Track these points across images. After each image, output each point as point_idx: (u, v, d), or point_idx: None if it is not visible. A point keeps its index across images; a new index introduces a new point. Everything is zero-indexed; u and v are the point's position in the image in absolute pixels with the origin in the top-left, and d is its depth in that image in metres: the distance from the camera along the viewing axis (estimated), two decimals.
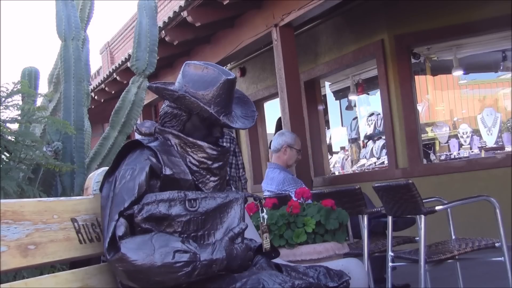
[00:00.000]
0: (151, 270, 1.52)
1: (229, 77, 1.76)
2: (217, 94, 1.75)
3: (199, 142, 1.76)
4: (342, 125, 8.12)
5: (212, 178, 1.77)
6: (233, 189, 1.94)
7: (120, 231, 1.57)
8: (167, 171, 1.69)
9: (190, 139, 1.76)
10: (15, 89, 2.73)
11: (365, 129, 7.50)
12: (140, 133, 1.86)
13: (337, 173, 7.76)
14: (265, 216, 1.93)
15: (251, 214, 2.79)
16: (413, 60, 6.32)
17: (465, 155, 6.79)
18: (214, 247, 1.61)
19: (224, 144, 5.48)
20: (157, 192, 1.66)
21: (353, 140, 7.78)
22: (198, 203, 1.67)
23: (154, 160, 1.69)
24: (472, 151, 6.90)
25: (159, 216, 1.62)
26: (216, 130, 1.81)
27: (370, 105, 7.45)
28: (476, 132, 7.14)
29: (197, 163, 1.75)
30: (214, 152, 1.77)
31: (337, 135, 8.14)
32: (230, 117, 1.78)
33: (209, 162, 1.76)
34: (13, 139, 2.72)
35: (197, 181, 1.74)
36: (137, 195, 1.62)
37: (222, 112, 1.76)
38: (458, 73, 7.04)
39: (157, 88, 1.81)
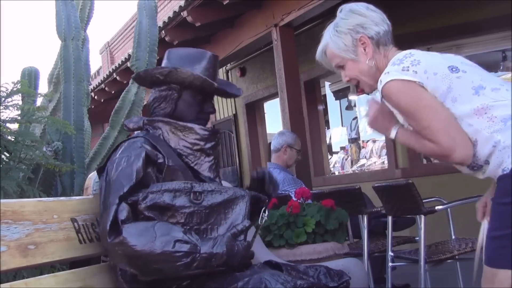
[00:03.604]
0: (150, 257, 1.52)
1: (214, 53, 1.84)
2: (206, 68, 1.82)
3: (189, 125, 1.79)
4: (342, 125, 8.11)
5: (207, 159, 1.80)
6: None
7: (123, 215, 1.58)
8: (170, 162, 1.71)
9: (180, 123, 1.79)
10: (15, 89, 2.73)
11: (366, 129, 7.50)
12: (129, 129, 1.88)
13: (337, 173, 7.76)
14: (266, 219, 1.92)
15: None
16: None
17: None
18: (215, 242, 1.61)
19: None
20: (152, 180, 1.67)
21: (353, 140, 7.77)
22: (203, 196, 1.67)
23: (148, 147, 1.71)
24: None
25: (162, 205, 1.62)
26: (208, 105, 1.86)
27: None
28: None
29: (190, 146, 1.78)
30: (206, 132, 1.80)
31: (337, 135, 8.13)
32: (221, 86, 1.84)
33: (202, 143, 1.79)
34: (13, 139, 2.72)
35: (192, 163, 1.77)
36: (135, 180, 1.63)
37: (213, 81, 1.81)
38: None
39: (146, 71, 1.84)
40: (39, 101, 3.54)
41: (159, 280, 1.61)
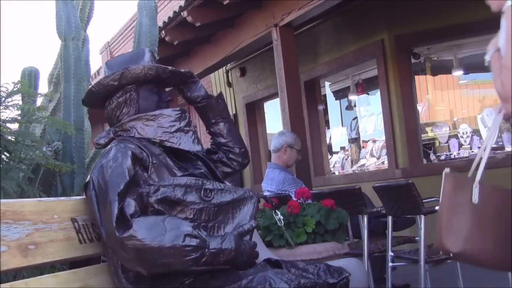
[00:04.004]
0: (159, 251, 1.52)
1: (149, 49, 1.94)
2: (150, 61, 1.89)
3: (158, 111, 1.83)
4: (342, 125, 8.11)
5: (187, 136, 1.84)
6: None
7: (130, 210, 1.58)
8: (154, 160, 1.73)
9: (150, 113, 1.82)
10: (15, 89, 2.73)
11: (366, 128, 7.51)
12: (102, 146, 1.86)
13: (337, 173, 7.76)
14: (281, 218, 1.95)
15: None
16: (413, 60, 6.31)
17: (465, 155, 6.78)
18: (223, 238, 1.62)
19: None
20: (142, 178, 1.68)
21: (353, 140, 7.77)
22: (213, 194, 1.69)
23: (132, 146, 1.72)
24: (472, 151, 6.89)
25: (173, 200, 1.64)
26: (164, 94, 1.91)
27: (370, 105, 7.45)
28: (476, 132, 7.13)
29: (168, 129, 1.81)
30: (177, 112, 1.85)
31: (337, 135, 8.13)
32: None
33: (177, 123, 1.83)
34: (13, 139, 2.72)
35: (176, 144, 1.81)
36: (129, 177, 1.64)
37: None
38: (458, 73, 7.03)
39: (98, 84, 1.85)
40: (39, 101, 3.54)
41: (163, 278, 1.61)
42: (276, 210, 1.99)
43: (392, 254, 3.39)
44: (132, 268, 1.61)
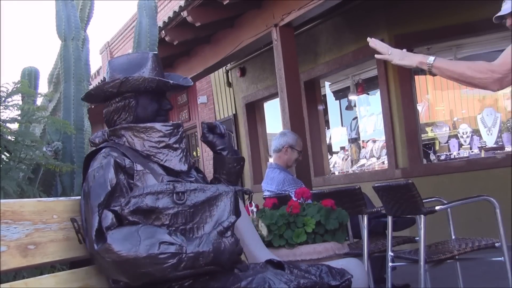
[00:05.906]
0: (136, 261, 1.52)
1: (154, 52, 1.89)
2: (153, 68, 1.84)
3: (149, 124, 1.81)
4: (342, 125, 8.11)
5: (175, 153, 1.81)
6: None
7: (106, 222, 1.58)
8: (138, 167, 1.72)
9: (141, 124, 1.81)
10: (15, 89, 2.72)
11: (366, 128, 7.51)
12: (95, 144, 1.88)
13: (337, 173, 7.76)
14: (255, 210, 1.95)
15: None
16: None
17: (465, 155, 6.78)
18: (201, 240, 1.60)
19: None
20: (125, 186, 1.68)
21: (353, 140, 7.77)
22: (186, 196, 1.67)
23: (115, 154, 1.72)
24: (472, 151, 6.89)
25: (146, 209, 1.62)
26: (164, 102, 1.89)
27: (370, 105, 7.44)
28: (476, 132, 7.13)
29: (155, 144, 1.79)
30: (168, 128, 1.82)
31: (337, 135, 8.13)
32: (174, 81, 1.88)
33: (166, 139, 1.80)
34: (13, 139, 2.72)
35: (162, 161, 1.78)
36: (110, 187, 1.64)
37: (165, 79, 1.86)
38: None
39: (97, 88, 1.85)
40: (39, 101, 3.53)
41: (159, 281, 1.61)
42: (252, 202, 1.99)
43: (392, 254, 3.39)
44: (118, 279, 1.61)
